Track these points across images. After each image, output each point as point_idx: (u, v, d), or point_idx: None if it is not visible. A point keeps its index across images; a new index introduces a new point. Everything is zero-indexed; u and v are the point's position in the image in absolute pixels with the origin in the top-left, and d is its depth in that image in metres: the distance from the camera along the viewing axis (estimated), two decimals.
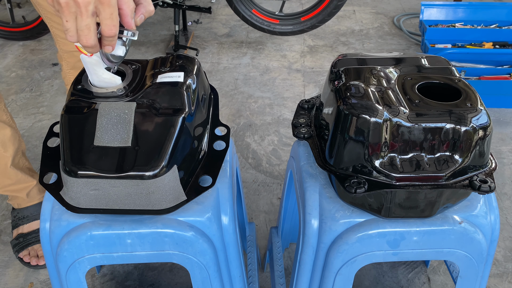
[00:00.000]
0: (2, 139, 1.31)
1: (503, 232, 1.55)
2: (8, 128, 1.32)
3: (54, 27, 1.29)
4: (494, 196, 0.93)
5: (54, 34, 1.31)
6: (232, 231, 0.91)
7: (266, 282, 1.42)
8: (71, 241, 0.83)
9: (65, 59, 1.36)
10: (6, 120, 1.33)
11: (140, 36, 2.86)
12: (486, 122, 0.79)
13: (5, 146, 1.32)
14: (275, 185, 1.77)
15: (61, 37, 1.30)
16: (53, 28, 1.30)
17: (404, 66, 0.92)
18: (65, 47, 1.33)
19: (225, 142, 0.95)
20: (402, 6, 3.24)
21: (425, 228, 0.84)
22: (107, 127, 0.80)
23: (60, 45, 1.34)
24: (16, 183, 1.40)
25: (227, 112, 2.17)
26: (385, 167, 0.79)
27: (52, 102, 2.28)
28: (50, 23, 1.29)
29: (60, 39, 1.31)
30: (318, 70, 2.50)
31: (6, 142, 1.32)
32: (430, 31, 2.54)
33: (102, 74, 0.83)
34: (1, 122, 1.31)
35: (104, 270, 1.45)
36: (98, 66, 0.82)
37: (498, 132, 2.01)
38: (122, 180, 0.77)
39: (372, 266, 1.44)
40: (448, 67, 0.92)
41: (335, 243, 0.86)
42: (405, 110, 0.80)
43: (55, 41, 1.33)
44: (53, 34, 1.32)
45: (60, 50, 1.36)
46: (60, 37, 1.31)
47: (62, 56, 1.37)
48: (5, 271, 1.46)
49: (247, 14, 2.62)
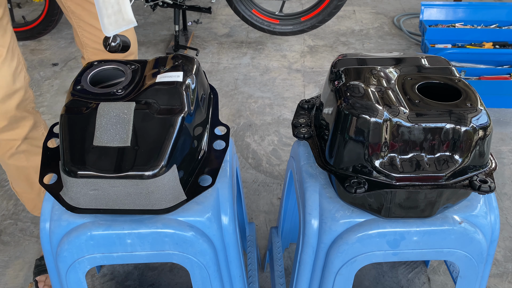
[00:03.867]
0: (37, 164, 1.26)
1: (503, 232, 1.55)
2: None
3: (86, 36, 1.30)
4: (494, 196, 0.93)
5: (84, 43, 1.32)
6: (232, 231, 0.91)
7: (266, 282, 1.42)
8: (71, 241, 0.83)
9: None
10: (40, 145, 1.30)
11: (140, 36, 2.86)
12: (486, 122, 0.79)
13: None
14: (275, 185, 1.76)
15: (91, 46, 1.31)
16: (84, 37, 1.30)
17: (404, 66, 0.92)
18: (94, 57, 1.33)
19: (225, 141, 0.95)
20: (402, 6, 3.24)
21: (425, 228, 0.84)
22: (106, 127, 0.80)
23: (88, 55, 1.34)
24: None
25: (227, 112, 2.17)
26: (385, 167, 0.79)
27: (52, 102, 2.28)
28: (82, 32, 1.29)
29: (90, 48, 1.32)
30: (318, 70, 2.50)
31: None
32: (430, 31, 2.54)
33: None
34: (40, 148, 1.28)
35: (104, 270, 1.45)
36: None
37: (498, 132, 2.01)
38: (122, 180, 0.77)
39: (372, 266, 1.44)
40: (448, 67, 0.92)
41: (335, 243, 0.86)
42: (405, 110, 0.80)
43: (84, 50, 1.33)
44: (83, 43, 1.32)
45: (87, 59, 1.35)
46: (90, 46, 1.31)
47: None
48: (5, 271, 1.46)
49: (247, 14, 2.62)
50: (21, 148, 1.23)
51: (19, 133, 1.21)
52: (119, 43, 0.84)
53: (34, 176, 1.31)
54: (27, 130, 1.22)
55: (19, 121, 1.19)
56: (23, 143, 1.23)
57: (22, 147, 1.23)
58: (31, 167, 1.29)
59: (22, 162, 1.26)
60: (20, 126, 1.20)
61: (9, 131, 1.19)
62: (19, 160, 1.26)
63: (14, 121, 1.18)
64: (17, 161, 1.26)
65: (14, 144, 1.21)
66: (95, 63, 0.95)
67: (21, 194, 1.38)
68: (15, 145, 1.22)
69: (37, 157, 1.28)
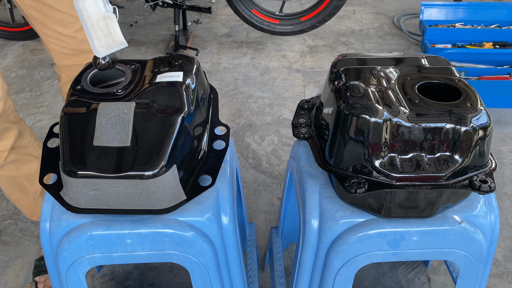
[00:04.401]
0: (28, 172, 1.29)
1: (503, 232, 1.55)
2: (35, 161, 1.29)
3: (51, 42, 1.28)
4: (494, 196, 0.93)
5: (51, 49, 1.30)
6: (232, 231, 0.91)
7: (266, 282, 1.42)
8: (71, 241, 0.83)
9: (65, 71, 1.36)
10: (34, 153, 1.30)
11: (140, 36, 2.86)
12: (486, 122, 0.79)
13: (31, 179, 1.31)
14: (275, 185, 1.76)
15: (59, 52, 1.30)
16: (50, 43, 1.29)
17: (404, 66, 0.92)
18: (64, 61, 1.32)
19: (225, 141, 0.95)
20: (402, 6, 3.24)
21: (425, 228, 0.84)
22: (106, 127, 0.80)
23: (58, 59, 1.33)
24: None
25: (227, 112, 2.17)
26: (385, 167, 0.79)
27: (52, 102, 2.28)
28: (47, 39, 1.28)
29: (58, 53, 1.30)
30: (318, 70, 2.50)
31: (33, 175, 1.30)
32: (430, 31, 2.54)
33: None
34: (29, 155, 1.29)
35: (104, 270, 1.45)
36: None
37: (498, 132, 2.01)
38: (122, 180, 0.77)
39: (372, 266, 1.44)
40: (448, 67, 0.92)
41: (335, 243, 0.86)
42: (405, 110, 0.80)
43: (53, 56, 1.32)
44: (50, 49, 1.30)
45: (58, 64, 1.35)
46: (58, 52, 1.30)
47: (62, 69, 1.36)
48: (5, 271, 1.46)
49: (247, 14, 2.61)
50: (9, 158, 1.22)
51: (4, 145, 1.19)
52: (108, 61, 0.86)
53: (26, 183, 1.31)
54: (12, 140, 1.21)
55: (2, 133, 1.18)
56: (11, 153, 1.22)
57: (10, 158, 1.22)
58: (22, 176, 1.28)
59: (13, 172, 1.26)
60: (5, 137, 1.19)
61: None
62: (9, 171, 1.25)
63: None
64: (7, 172, 1.25)
65: (2, 156, 1.20)
66: None
67: (17, 201, 1.37)
68: (2, 157, 1.21)
69: (27, 165, 1.28)
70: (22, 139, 1.25)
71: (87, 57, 1.32)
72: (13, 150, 1.22)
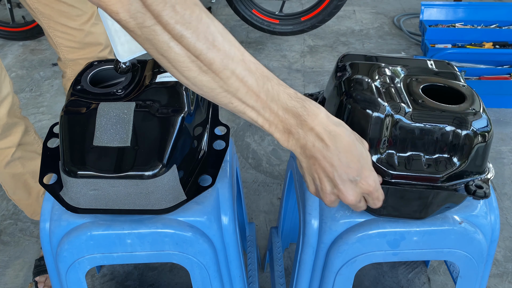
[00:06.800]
0: (33, 169, 1.29)
1: (503, 232, 1.55)
2: (39, 158, 1.28)
3: (58, 36, 1.28)
4: (494, 196, 0.93)
5: (57, 43, 1.30)
6: (232, 231, 0.91)
7: (266, 282, 1.42)
8: (71, 241, 0.83)
9: (70, 66, 1.35)
10: (38, 151, 1.30)
11: None
12: (487, 128, 0.79)
13: (36, 177, 1.30)
14: (275, 185, 1.76)
15: (66, 45, 1.29)
16: (56, 37, 1.28)
17: (410, 67, 0.92)
18: (70, 55, 1.32)
19: (225, 141, 0.95)
20: (402, 6, 3.24)
21: (425, 228, 0.84)
22: (106, 127, 0.80)
23: (64, 54, 1.32)
24: None
25: (227, 112, 2.17)
26: (382, 164, 0.79)
27: (52, 102, 2.28)
28: (54, 33, 1.27)
29: (64, 47, 1.30)
30: (318, 70, 2.50)
31: (38, 172, 1.31)
32: (430, 31, 2.54)
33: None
34: (34, 153, 1.29)
35: (104, 270, 1.45)
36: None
37: (498, 132, 2.01)
38: (122, 180, 0.77)
39: (372, 266, 1.44)
40: (454, 72, 0.91)
41: (335, 243, 0.86)
42: (407, 108, 0.80)
43: (58, 50, 1.32)
44: (57, 44, 1.30)
45: (64, 59, 1.34)
46: (64, 45, 1.29)
47: (67, 64, 1.35)
48: (5, 271, 1.46)
49: (247, 14, 2.61)
50: (16, 155, 1.23)
51: (12, 140, 1.20)
52: (128, 65, 0.87)
53: (31, 181, 1.31)
54: (19, 135, 1.21)
55: (11, 127, 1.18)
56: (18, 149, 1.22)
57: (17, 154, 1.23)
58: (27, 173, 1.28)
59: (18, 169, 1.26)
60: (13, 132, 1.20)
61: (3, 139, 1.18)
62: (15, 168, 1.25)
63: (6, 128, 1.17)
64: (13, 169, 1.25)
65: (10, 152, 1.21)
66: (95, 63, 0.95)
67: (19, 201, 1.37)
68: (10, 153, 1.21)
69: (32, 162, 1.28)
70: (28, 136, 1.26)
71: (92, 50, 1.32)
72: (20, 147, 1.23)
